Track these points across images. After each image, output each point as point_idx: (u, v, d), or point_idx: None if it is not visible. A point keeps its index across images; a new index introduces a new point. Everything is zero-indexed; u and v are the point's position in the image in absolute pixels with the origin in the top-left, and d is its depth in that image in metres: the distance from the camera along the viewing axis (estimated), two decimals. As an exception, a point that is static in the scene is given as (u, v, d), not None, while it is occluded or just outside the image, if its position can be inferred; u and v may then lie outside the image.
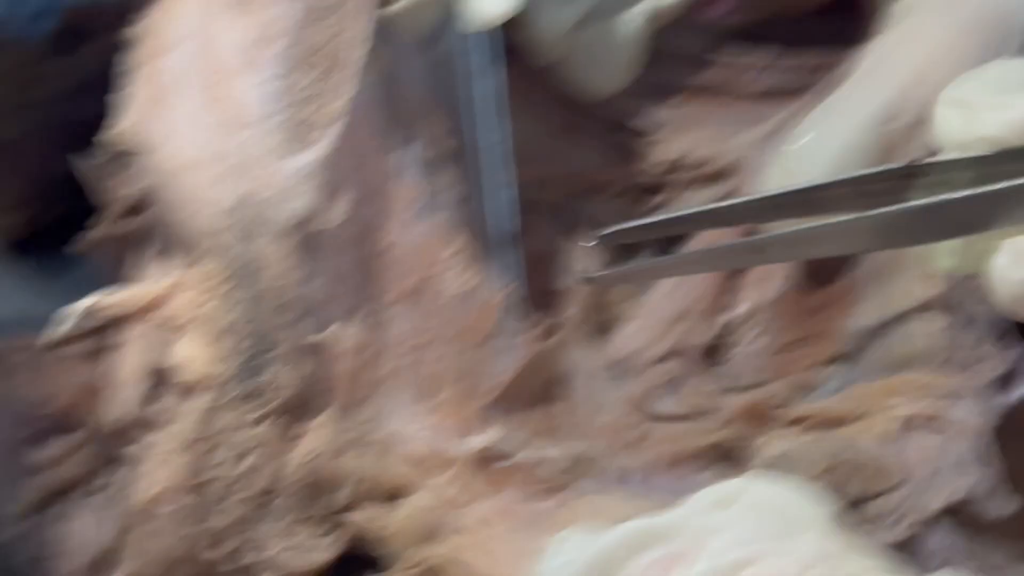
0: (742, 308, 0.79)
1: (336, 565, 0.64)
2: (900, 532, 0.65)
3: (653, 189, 0.81)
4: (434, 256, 0.70)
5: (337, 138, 0.66)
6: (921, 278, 0.73)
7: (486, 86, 0.69)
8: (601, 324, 0.81)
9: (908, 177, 0.58)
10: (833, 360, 0.76)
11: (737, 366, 0.78)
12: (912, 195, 0.57)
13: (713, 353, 0.78)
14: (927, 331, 0.73)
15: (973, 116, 0.57)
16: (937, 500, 0.65)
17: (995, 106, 0.57)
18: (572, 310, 0.75)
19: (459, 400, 0.70)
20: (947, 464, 0.67)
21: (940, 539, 0.70)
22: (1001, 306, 0.57)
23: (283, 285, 0.62)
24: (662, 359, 0.77)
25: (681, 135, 0.82)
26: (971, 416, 0.69)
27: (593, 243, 0.67)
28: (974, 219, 0.55)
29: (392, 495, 0.65)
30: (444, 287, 0.70)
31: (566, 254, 0.79)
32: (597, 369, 0.76)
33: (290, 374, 0.62)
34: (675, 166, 0.81)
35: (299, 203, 0.64)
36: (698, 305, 0.78)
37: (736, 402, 0.74)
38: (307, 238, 0.65)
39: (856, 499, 0.65)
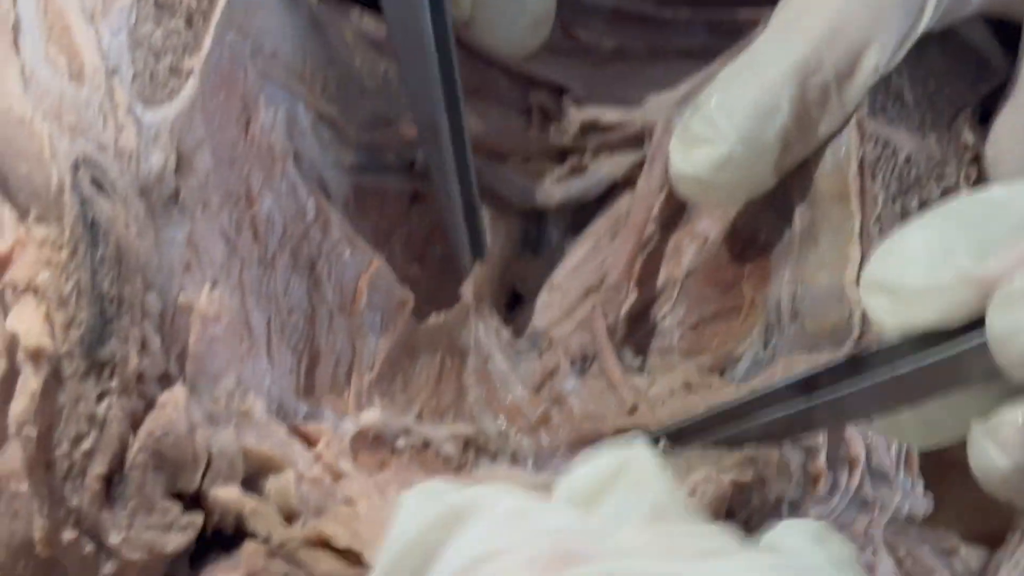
0: (656, 282, 0.73)
1: (200, 543, 0.59)
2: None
3: (563, 154, 0.76)
4: (307, 225, 0.65)
5: (193, 95, 0.61)
6: (837, 251, 0.68)
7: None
8: (508, 300, 0.76)
9: (859, 368, 0.57)
10: (749, 334, 0.71)
11: (652, 342, 0.73)
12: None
13: (626, 328, 0.73)
14: (839, 306, 0.68)
15: (900, 304, 0.54)
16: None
17: (921, 293, 0.54)
18: (470, 285, 0.69)
19: (337, 376, 0.66)
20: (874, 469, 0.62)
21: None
22: (985, 484, 0.55)
23: (131, 250, 0.57)
24: (571, 335, 0.72)
25: (595, 97, 0.77)
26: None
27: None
28: (920, 396, 0.55)
29: (256, 472, 0.60)
30: (319, 257, 0.65)
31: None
32: (502, 346, 0.71)
33: (137, 345, 0.57)
34: (586, 130, 0.76)
35: (149, 163, 0.59)
36: (609, 279, 0.73)
37: (640, 385, 0.68)
38: (158, 200, 0.60)
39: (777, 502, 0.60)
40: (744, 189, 0.68)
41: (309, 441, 0.63)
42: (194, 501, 0.59)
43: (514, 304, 0.77)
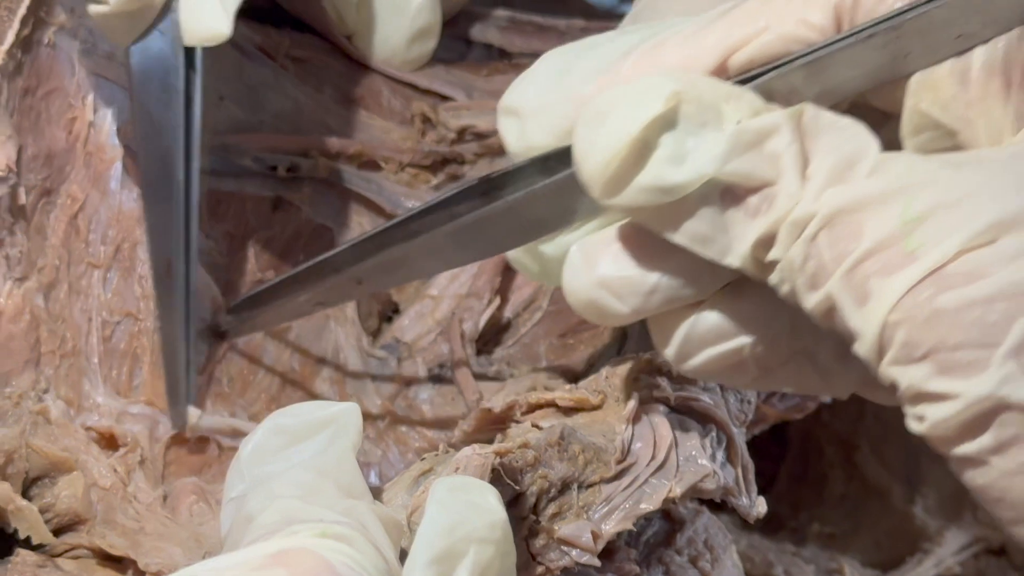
0: (525, 292, 0.72)
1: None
2: (613, 523, 0.57)
3: (440, 163, 0.75)
4: (132, 229, 0.64)
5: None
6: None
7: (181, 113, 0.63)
8: (383, 310, 0.75)
9: (491, 191, 0.55)
10: (610, 344, 0.69)
11: (514, 351, 0.71)
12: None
13: (490, 338, 0.71)
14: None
15: (524, 127, 0.54)
16: (656, 495, 0.57)
17: (538, 112, 0.54)
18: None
19: (158, 383, 0.65)
20: (682, 458, 0.59)
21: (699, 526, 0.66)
22: (576, 309, 0.53)
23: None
24: (431, 344, 0.71)
25: (475, 104, 0.75)
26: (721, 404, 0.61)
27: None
28: (548, 216, 0.54)
29: (45, 473, 0.59)
30: (142, 264, 0.64)
31: (341, 228, 0.73)
32: (361, 354, 0.70)
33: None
34: (463, 136, 0.74)
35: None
36: (480, 289, 0.71)
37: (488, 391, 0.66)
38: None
39: (565, 486, 0.57)
40: None
41: (112, 446, 0.62)
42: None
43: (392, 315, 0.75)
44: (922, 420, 0.45)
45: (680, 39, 0.51)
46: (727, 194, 0.48)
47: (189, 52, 0.62)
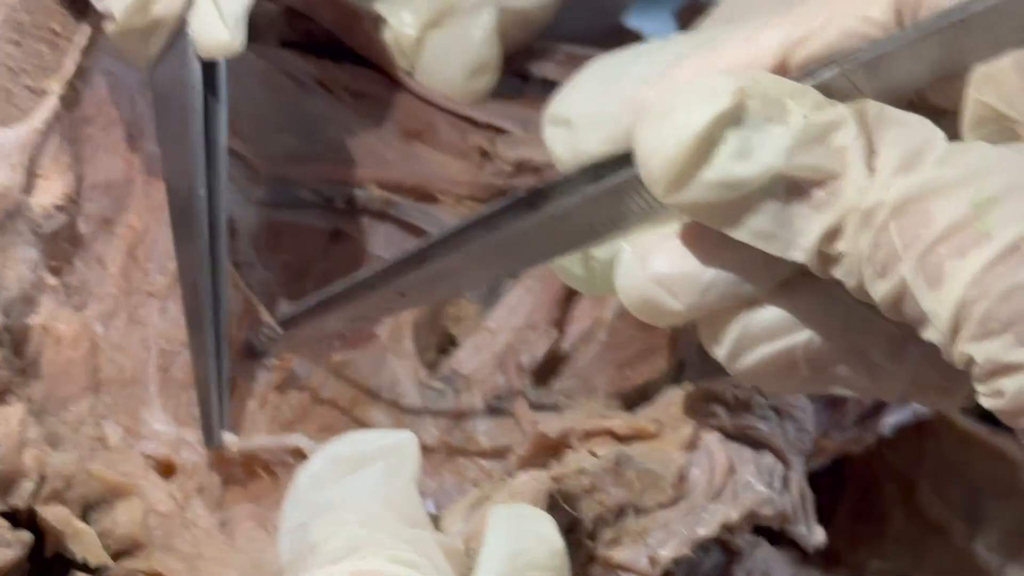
0: (583, 324, 0.72)
1: (41, 564, 0.59)
2: (670, 549, 0.57)
3: (498, 196, 0.75)
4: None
5: (50, 117, 0.61)
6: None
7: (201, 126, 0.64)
8: (443, 342, 0.75)
9: (538, 201, 0.56)
10: (668, 373, 0.69)
11: (572, 383, 0.71)
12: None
13: (547, 370, 0.71)
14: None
15: (574, 135, 0.55)
16: (713, 520, 0.57)
17: (589, 119, 0.55)
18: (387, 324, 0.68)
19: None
20: (740, 484, 0.59)
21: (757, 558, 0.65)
22: (631, 308, 0.54)
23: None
24: (488, 376, 0.71)
25: (532, 138, 0.75)
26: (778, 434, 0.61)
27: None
28: (598, 223, 0.54)
29: (102, 499, 0.59)
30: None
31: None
32: (417, 385, 0.70)
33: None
34: (521, 169, 0.75)
35: (-4, 180, 0.60)
36: (538, 321, 0.71)
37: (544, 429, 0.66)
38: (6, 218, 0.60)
39: (622, 511, 0.58)
40: None
41: (170, 472, 0.62)
42: (30, 522, 0.59)
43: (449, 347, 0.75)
44: (1000, 395, 0.46)
45: (738, 40, 0.51)
46: (792, 188, 0.49)
47: (209, 72, 0.62)
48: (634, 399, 0.69)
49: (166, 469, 0.63)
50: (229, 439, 0.63)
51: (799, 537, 0.62)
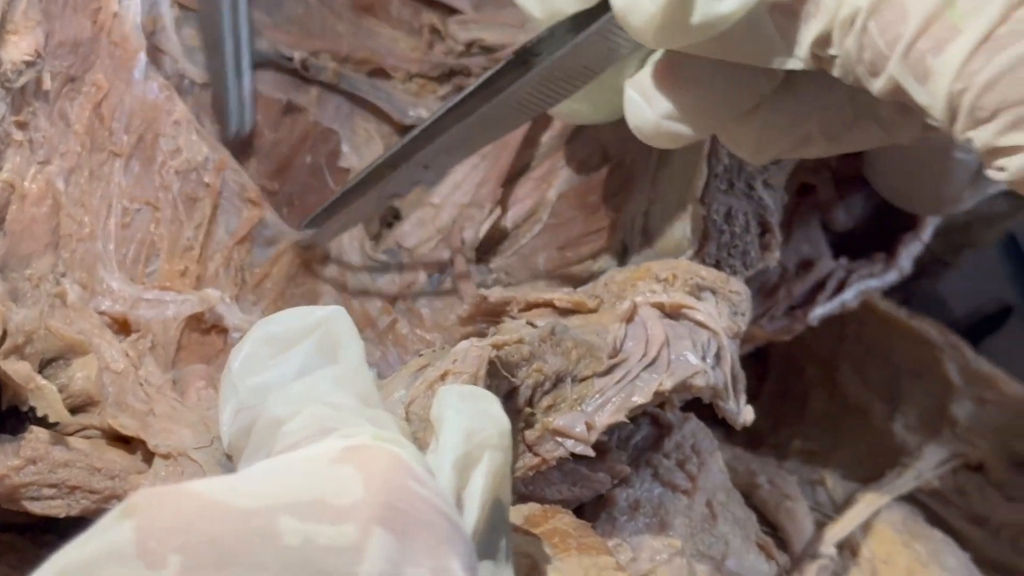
0: (526, 204, 0.73)
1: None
2: (606, 415, 0.59)
3: (447, 74, 0.76)
4: (156, 119, 0.66)
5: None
6: (687, 168, 0.68)
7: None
8: (385, 215, 0.76)
9: (529, 57, 0.60)
10: (605, 252, 0.71)
11: (513, 260, 0.73)
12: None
13: (489, 247, 0.73)
14: (683, 221, 0.67)
15: None
16: (647, 388, 0.59)
17: None
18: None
19: (174, 271, 0.66)
20: (673, 356, 0.61)
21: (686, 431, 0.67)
22: (646, 141, 0.58)
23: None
24: (432, 250, 0.73)
25: (483, 17, 0.77)
26: (714, 315, 0.63)
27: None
28: (592, 62, 0.59)
29: (60, 355, 0.61)
30: (164, 154, 0.66)
31: (347, 132, 0.74)
32: (363, 258, 0.71)
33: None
34: (471, 49, 0.76)
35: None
36: (482, 199, 0.73)
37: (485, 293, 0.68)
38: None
39: (559, 379, 0.59)
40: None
41: (125, 331, 0.64)
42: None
43: (393, 221, 0.76)
44: (1004, 170, 0.49)
45: None
46: (775, 9, 0.52)
47: None
48: (576, 281, 0.71)
49: (121, 327, 0.64)
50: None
51: (728, 413, 0.63)
